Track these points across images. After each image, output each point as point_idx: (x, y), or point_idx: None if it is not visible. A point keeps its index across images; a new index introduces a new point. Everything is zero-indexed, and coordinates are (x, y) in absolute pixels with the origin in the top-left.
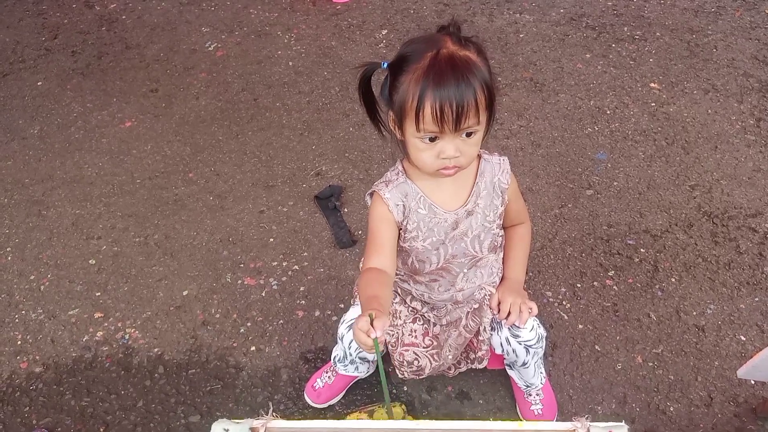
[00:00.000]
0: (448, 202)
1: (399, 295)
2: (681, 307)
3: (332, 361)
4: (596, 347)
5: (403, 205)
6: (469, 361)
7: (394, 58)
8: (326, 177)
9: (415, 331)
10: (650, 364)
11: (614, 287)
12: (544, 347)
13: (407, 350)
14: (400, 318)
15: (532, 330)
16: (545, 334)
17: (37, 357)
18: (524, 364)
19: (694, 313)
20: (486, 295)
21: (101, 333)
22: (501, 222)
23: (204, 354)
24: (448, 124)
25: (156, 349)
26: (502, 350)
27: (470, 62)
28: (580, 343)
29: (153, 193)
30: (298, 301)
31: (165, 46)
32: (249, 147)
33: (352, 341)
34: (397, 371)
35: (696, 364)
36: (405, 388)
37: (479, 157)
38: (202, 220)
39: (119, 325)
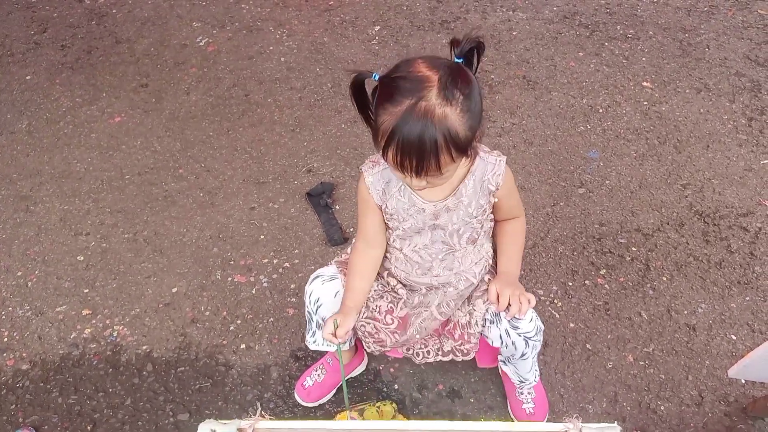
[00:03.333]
0: (429, 194)
1: (377, 272)
2: (672, 306)
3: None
4: (587, 346)
5: (383, 191)
6: (457, 353)
7: (384, 73)
8: (318, 174)
9: (380, 307)
10: (641, 363)
11: (606, 286)
12: (541, 340)
13: (369, 323)
14: (369, 292)
15: (531, 321)
16: (543, 327)
17: (24, 354)
18: (523, 355)
19: (686, 312)
20: (471, 285)
21: (89, 330)
22: (485, 217)
23: (193, 352)
24: (409, 174)
25: (144, 347)
26: (501, 342)
27: (444, 122)
28: (571, 341)
29: (142, 189)
30: (288, 299)
31: (155, 41)
32: (240, 143)
33: (312, 293)
34: (362, 342)
35: (687, 363)
36: (396, 387)
37: (476, 154)
38: (192, 217)
39: (107, 322)
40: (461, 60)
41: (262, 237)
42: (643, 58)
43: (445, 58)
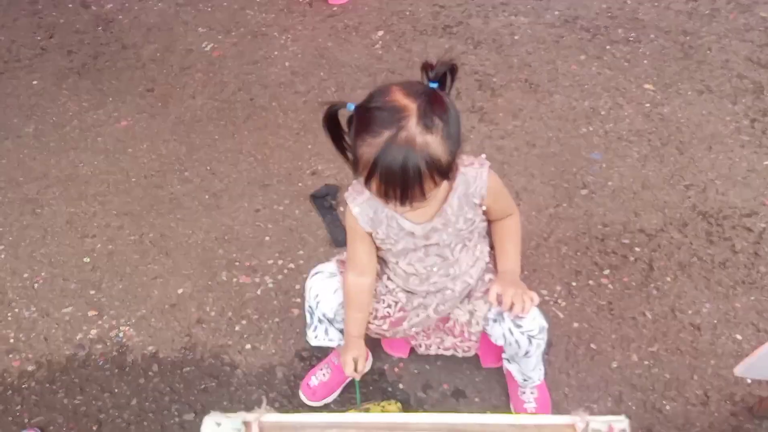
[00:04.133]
0: (415, 216)
1: (377, 274)
2: (676, 305)
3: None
4: (592, 345)
5: (372, 219)
6: (458, 349)
7: (359, 103)
8: (322, 176)
9: (376, 310)
10: (646, 362)
11: (609, 286)
12: (546, 339)
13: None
14: None
15: (534, 320)
16: (546, 326)
17: (30, 355)
18: (527, 354)
19: (690, 311)
20: (468, 286)
21: (95, 331)
22: (475, 225)
23: (198, 352)
24: (393, 203)
25: (150, 347)
26: (504, 341)
27: (426, 150)
28: (575, 341)
29: (148, 191)
30: (293, 300)
31: (161, 46)
32: (245, 146)
33: (311, 288)
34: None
35: (692, 363)
36: (400, 386)
37: (457, 168)
38: (198, 219)
39: (113, 323)
40: (436, 84)
41: (267, 238)
42: (645, 61)
43: (418, 82)
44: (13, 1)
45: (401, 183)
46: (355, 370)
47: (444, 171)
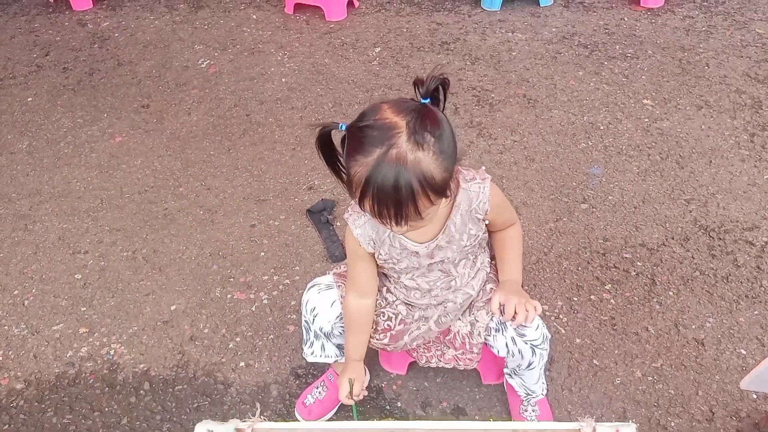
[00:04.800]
0: (418, 236)
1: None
2: (680, 320)
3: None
4: (594, 361)
5: (374, 240)
6: (459, 361)
7: (350, 123)
8: (319, 191)
9: (376, 324)
10: (650, 378)
11: (611, 301)
12: (548, 350)
13: None
14: None
15: (537, 329)
16: (550, 336)
17: (19, 373)
18: (530, 365)
19: (693, 326)
20: (469, 297)
21: (86, 348)
22: (478, 240)
23: (191, 370)
24: (388, 223)
25: (142, 365)
26: (507, 351)
27: (418, 167)
28: (577, 357)
29: (142, 207)
30: (288, 316)
31: (157, 63)
32: (241, 162)
33: (308, 302)
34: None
35: (696, 378)
36: (399, 404)
37: (458, 185)
38: (192, 235)
39: (104, 340)
40: (427, 100)
41: (262, 254)
42: (643, 77)
43: (411, 99)
44: (10, 20)
45: (394, 202)
46: (351, 393)
47: (439, 189)
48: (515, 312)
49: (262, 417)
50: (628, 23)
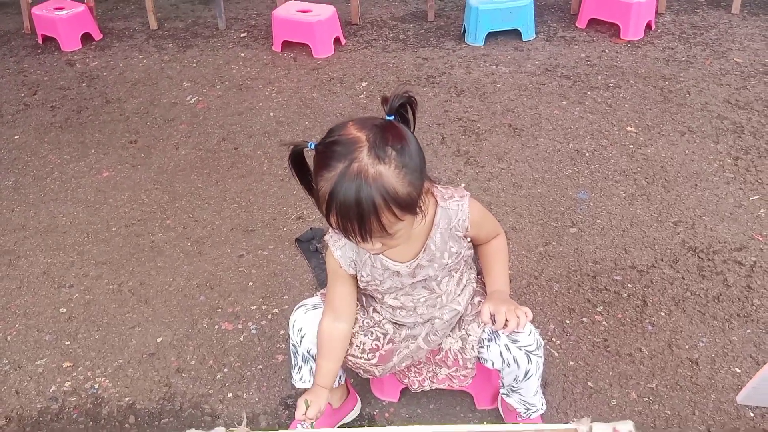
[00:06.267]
0: (399, 255)
1: (363, 306)
2: (673, 340)
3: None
4: (589, 384)
5: (354, 262)
6: (453, 380)
7: (319, 141)
8: (308, 220)
9: (364, 344)
10: (645, 399)
11: (604, 323)
12: (543, 357)
13: (348, 360)
14: (355, 326)
15: (530, 334)
16: (543, 342)
17: (0, 409)
18: (527, 374)
19: (687, 346)
20: (457, 313)
21: (69, 383)
22: (461, 257)
23: (178, 402)
24: (354, 238)
25: (127, 398)
26: (503, 361)
27: (380, 180)
28: (572, 379)
29: (128, 240)
30: (277, 345)
31: (145, 100)
32: (229, 193)
33: (295, 323)
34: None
35: (692, 398)
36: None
37: (436, 204)
38: (179, 266)
39: (89, 374)
40: (392, 117)
41: (250, 284)
42: (626, 105)
43: (379, 118)
44: None
45: (357, 216)
46: (305, 415)
47: (404, 203)
48: (506, 320)
49: (250, 427)
50: (609, 55)
